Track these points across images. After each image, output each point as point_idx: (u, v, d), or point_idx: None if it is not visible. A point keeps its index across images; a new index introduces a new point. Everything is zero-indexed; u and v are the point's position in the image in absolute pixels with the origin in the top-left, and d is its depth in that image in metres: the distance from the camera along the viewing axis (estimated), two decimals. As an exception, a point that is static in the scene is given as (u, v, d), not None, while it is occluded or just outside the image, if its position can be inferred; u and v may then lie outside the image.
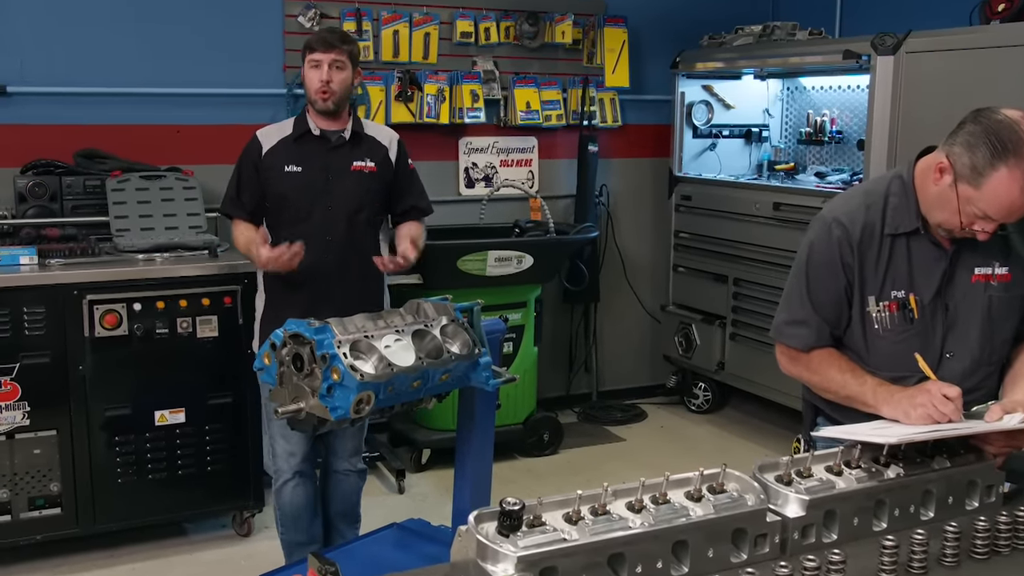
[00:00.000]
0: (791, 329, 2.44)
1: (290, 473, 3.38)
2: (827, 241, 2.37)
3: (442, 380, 2.53)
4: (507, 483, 4.50)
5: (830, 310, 2.39)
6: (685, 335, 5.56)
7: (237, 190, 3.41)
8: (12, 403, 3.58)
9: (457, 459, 3.01)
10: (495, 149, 5.40)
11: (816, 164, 5.42)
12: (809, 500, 1.76)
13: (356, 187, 3.36)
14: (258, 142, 3.39)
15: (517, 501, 1.55)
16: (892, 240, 2.35)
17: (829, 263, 2.37)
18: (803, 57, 4.95)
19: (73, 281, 3.62)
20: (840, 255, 2.35)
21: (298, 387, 2.30)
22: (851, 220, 2.35)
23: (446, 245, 4.58)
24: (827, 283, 2.38)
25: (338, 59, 3.28)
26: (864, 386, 2.30)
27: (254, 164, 3.36)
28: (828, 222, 2.38)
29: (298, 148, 3.35)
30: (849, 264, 2.35)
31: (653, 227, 5.88)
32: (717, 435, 5.41)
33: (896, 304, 2.35)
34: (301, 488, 3.41)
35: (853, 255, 2.34)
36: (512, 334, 4.73)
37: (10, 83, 4.28)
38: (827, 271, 2.37)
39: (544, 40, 5.35)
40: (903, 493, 1.88)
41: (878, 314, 2.35)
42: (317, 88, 3.29)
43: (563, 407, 5.62)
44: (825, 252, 2.37)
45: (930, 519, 1.90)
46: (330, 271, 3.32)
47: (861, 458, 1.91)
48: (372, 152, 3.41)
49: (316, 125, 3.36)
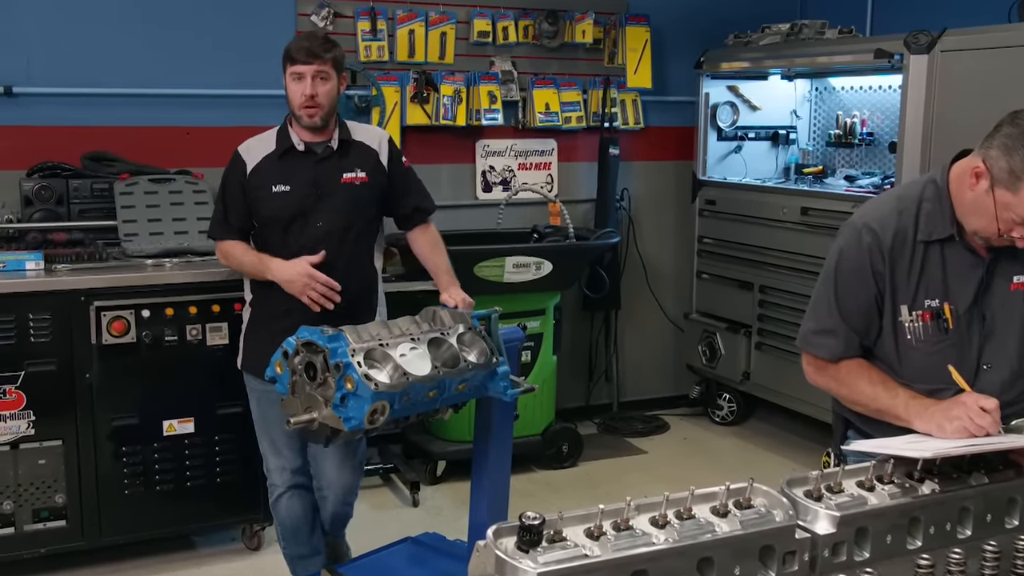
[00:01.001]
0: (818, 338, 2.43)
1: (284, 487, 3.38)
2: (857, 248, 2.35)
3: (459, 390, 2.54)
4: (525, 496, 4.49)
5: (859, 319, 2.37)
6: (709, 344, 5.54)
7: (224, 212, 3.31)
8: (17, 412, 3.60)
9: (474, 471, 3.01)
10: (513, 152, 5.40)
11: (846, 167, 5.40)
12: (840, 516, 1.74)
13: (348, 201, 3.26)
14: (241, 160, 3.27)
15: (537, 515, 1.55)
16: (926, 247, 2.33)
17: (859, 271, 2.35)
18: (832, 56, 4.92)
19: (80, 287, 3.64)
20: (871, 262, 2.34)
21: (311, 396, 2.31)
22: (882, 226, 2.33)
23: (462, 251, 4.56)
24: (856, 291, 2.36)
25: (322, 70, 3.15)
26: (896, 399, 2.28)
27: (240, 184, 3.26)
28: (858, 228, 2.36)
29: (283, 165, 3.23)
30: (880, 272, 2.33)
31: (676, 232, 5.87)
32: (742, 448, 5.38)
33: (930, 314, 2.33)
34: (297, 500, 3.40)
35: (884, 263, 2.33)
36: (530, 342, 4.73)
37: (16, 83, 4.31)
38: (857, 279, 2.36)
39: (564, 40, 5.35)
40: (939, 510, 1.86)
41: (911, 324, 2.33)
42: (301, 103, 3.15)
43: (583, 418, 5.62)
44: (855, 259, 2.36)
45: (967, 538, 1.88)
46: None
47: (894, 473, 1.89)
48: (362, 160, 3.30)
49: (300, 139, 3.25)
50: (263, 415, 3.33)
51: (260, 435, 3.39)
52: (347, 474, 3.40)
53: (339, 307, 3.19)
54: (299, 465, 3.37)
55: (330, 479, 3.40)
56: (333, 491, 3.42)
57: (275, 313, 3.24)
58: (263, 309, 3.31)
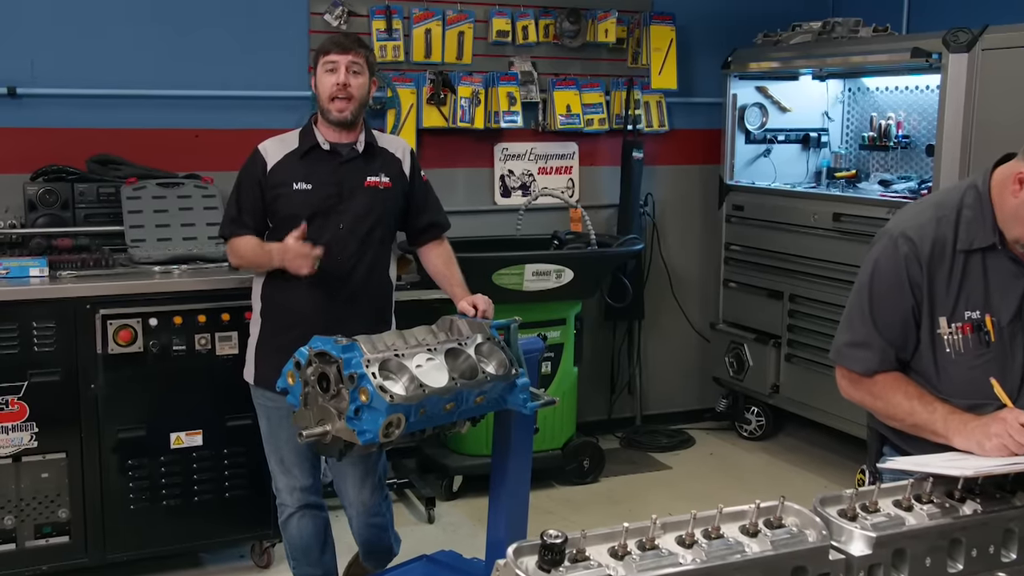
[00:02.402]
0: (852, 351, 2.42)
1: (294, 507, 3.36)
2: (893, 257, 2.34)
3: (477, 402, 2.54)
4: (544, 513, 4.48)
5: (895, 332, 2.36)
6: (736, 355, 5.53)
7: (238, 209, 3.29)
8: (19, 424, 3.61)
9: (492, 487, 3.01)
10: (533, 155, 5.40)
11: (880, 171, 5.37)
12: (876, 537, 1.73)
13: (370, 205, 3.27)
14: (261, 157, 3.27)
15: (559, 533, 1.54)
16: (966, 256, 2.31)
17: (895, 281, 2.34)
18: (867, 56, 4.90)
19: (85, 294, 3.65)
20: (907, 273, 2.32)
21: (324, 409, 2.31)
22: (920, 235, 2.32)
23: (480, 258, 4.58)
24: (892, 302, 2.35)
25: (356, 61, 3.19)
26: (934, 413, 2.26)
27: (258, 182, 3.25)
28: (895, 237, 2.35)
29: (306, 163, 3.24)
30: (917, 283, 2.32)
31: (702, 239, 5.86)
32: (771, 464, 5.36)
33: (970, 326, 2.31)
34: (308, 520, 3.38)
35: (922, 273, 2.31)
36: (551, 353, 4.73)
37: (20, 84, 4.34)
38: (893, 290, 2.34)
39: (586, 39, 5.35)
40: (981, 532, 1.84)
41: (950, 337, 2.31)
42: (332, 92, 3.17)
43: (604, 432, 5.61)
44: (891, 269, 2.34)
45: (1012, 561, 1.86)
46: (336, 295, 3.24)
47: (933, 492, 1.88)
48: (387, 166, 3.33)
49: (325, 139, 3.27)
50: (272, 432, 3.32)
51: (269, 453, 3.37)
52: (367, 493, 3.38)
53: (355, 314, 3.20)
54: (309, 484, 3.36)
55: (351, 498, 3.39)
56: (355, 510, 3.41)
57: (286, 323, 3.23)
58: (273, 319, 3.31)
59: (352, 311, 3.23)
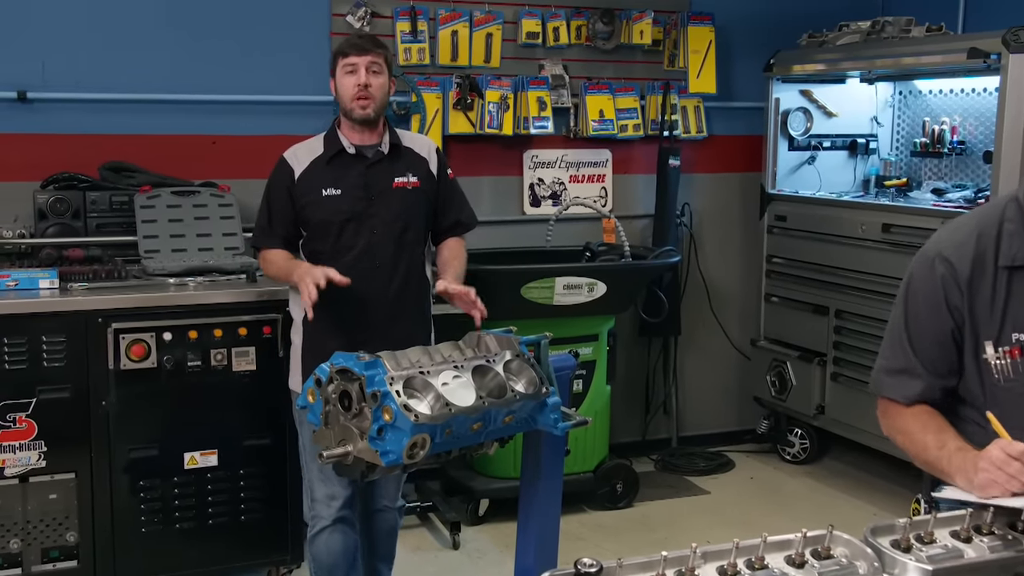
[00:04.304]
0: (889, 379, 2.37)
1: (329, 520, 3.40)
2: (929, 279, 2.29)
3: (505, 422, 2.53)
4: (575, 540, 4.47)
5: (936, 358, 2.30)
6: (779, 374, 5.50)
7: (269, 219, 3.44)
8: (27, 442, 3.64)
9: (520, 511, 2.99)
10: (564, 163, 5.40)
11: (933, 180, 5.34)
12: (932, 570, 1.71)
13: (400, 206, 3.41)
14: (288, 165, 3.42)
15: (595, 562, 1.54)
16: (1009, 273, 2.26)
17: (932, 305, 2.28)
18: (919, 57, 4.88)
19: (97, 307, 3.68)
20: (945, 296, 2.26)
21: (345, 428, 2.31)
22: (959, 254, 2.26)
23: (509, 270, 4.58)
24: (931, 328, 2.30)
25: (375, 61, 3.34)
26: (942, 450, 2.20)
27: (287, 190, 3.40)
28: (931, 258, 2.29)
29: (333, 168, 3.39)
30: (957, 306, 2.26)
31: (742, 251, 5.84)
32: (816, 490, 5.32)
33: (1019, 349, 2.26)
34: (339, 535, 3.43)
35: (962, 296, 2.25)
36: (582, 371, 4.72)
37: (31, 88, 4.38)
38: (930, 313, 2.29)
39: (620, 41, 5.35)
40: (1045, 565, 1.82)
41: (997, 362, 2.26)
42: (353, 94, 3.32)
43: (639, 454, 5.59)
44: (928, 292, 2.29)
45: (1076, 596, 1.83)
46: (378, 299, 3.37)
47: (995, 523, 1.85)
48: (413, 165, 3.47)
49: (350, 142, 3.41)
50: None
51: (308, 461, 3.43)
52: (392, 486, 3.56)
53: (399, 322, 3.36)
54: (348, 495, 3.41)
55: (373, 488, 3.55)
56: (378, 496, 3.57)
57: (328, 329, 3.33)
58: (315, 326, 3.38)
59: (393, 313, 3.39)
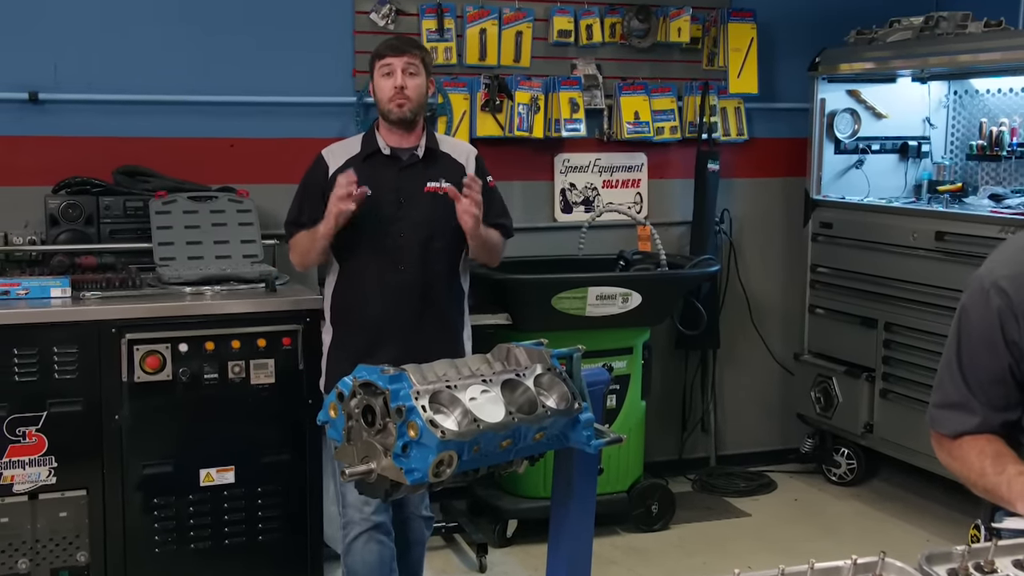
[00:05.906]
0: (943, 413, 2.34)
1: (363, 525, 3.44)
2: (984, 311, 2.24)
3: (536, 439, 2.52)
4: (608, 563, 4.47)
5: (993, 393, 2.26)
6: (824, 390, 5.47)
7: (299, 212, 3.59)
8: (37, 458, 3.65)
9: (551, 533, 2.98)
10: (597, 167, 5.40)
11: (991, 184, 5.31)
12: (994, 600, 1.69)
13: (430, 211, 3.49)
14: (324, 162, 3.57)
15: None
16: None
17: (988, 341, 2.24)
18: (977, 54, 4.86)
19: (110, 317, 3.70)
20: (1002, 329, 2.22)
21: (368, 445, 2.30)
22: (1016, 284, 2.20)
23: (539, 280, 4.58)
24: (986, 364, 2.25)
25: (412, 63, 3.47)
26: (1001, 475, 2.16)
27: (320, 187, 3.51)
28: (986, 288, 2.24)
29: (367, 168, 3.48)
30: (1015, 340, 2.21)
31: (785, 260, 5.82)
32: (864, 513, 5.29)
33: None
34: (374, 544, 3.45)
35: (1019, 328, 2.20)
36: (616, 385, 4.70)
37: (42, 90, 4.42)
38: (986, 349, 2.24)
39: (656, 39, 5.35)
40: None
41: None
42: (391, 96, 3.46)
43: (675, 473, 5.58)
44: (982, 325, 2.25)
45: None
46: (401, 302, 3.45)
47: (1060, 550, 1.82)
48: (448, 171, 3.54)
49: (386, 143, 3.54)
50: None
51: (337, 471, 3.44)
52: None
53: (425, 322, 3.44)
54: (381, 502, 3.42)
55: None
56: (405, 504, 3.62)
57: (355, 330, 3.47)
58: (343, 326, 3.53)
59: (421, 319, 3.47)
